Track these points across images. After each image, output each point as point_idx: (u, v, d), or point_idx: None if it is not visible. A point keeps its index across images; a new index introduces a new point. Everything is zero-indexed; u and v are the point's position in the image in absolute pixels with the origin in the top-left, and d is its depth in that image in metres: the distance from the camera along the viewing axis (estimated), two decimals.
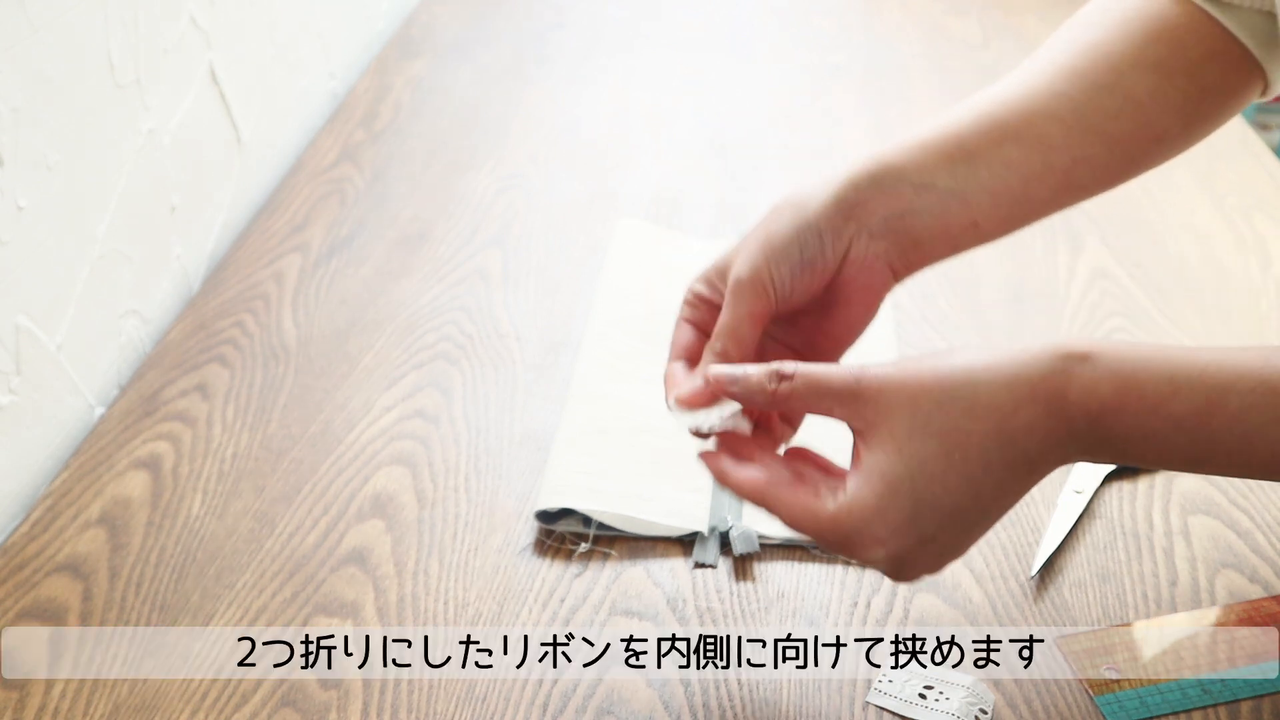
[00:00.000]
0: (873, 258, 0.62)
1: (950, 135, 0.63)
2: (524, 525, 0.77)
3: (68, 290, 0.86)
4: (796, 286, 0.61)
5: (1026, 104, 0.63)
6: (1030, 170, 0.63)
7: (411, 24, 1.49)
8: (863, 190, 0.62)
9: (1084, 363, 0.52)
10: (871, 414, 0.53)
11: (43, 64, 0.82)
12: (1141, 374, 0.51)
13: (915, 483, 0.52)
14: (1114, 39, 0.65)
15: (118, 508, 0.79)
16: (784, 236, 0.61)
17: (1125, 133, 0.65)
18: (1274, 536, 0.75)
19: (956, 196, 0.62)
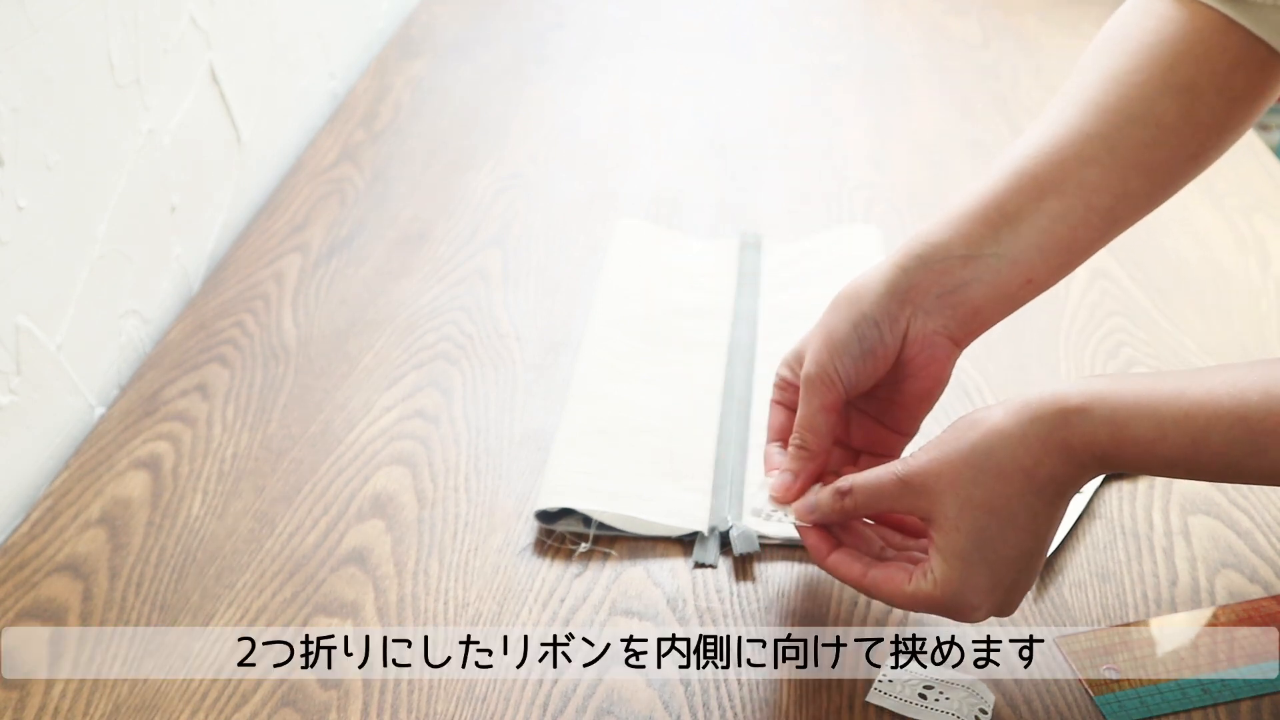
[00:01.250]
0: (932, 334, 0.66)
1: (990, 201, 0.65)
2: (524, 525, 0.77)
3: (68, 290, 0.86)
4: (862, 374, 0.66)
5: (1059, 154, 0.65)
6: (1075, 218, 0.65)
7: (411, 24, 1.49)
8: (912, 274, 0.65)
9: (1081, 415, 0.57)
10: (925, 503, 0.60)
11: (43, 64, 0.82)
12: (1133, 423, 0.56)
13: (983, 550, 0.59)
14: (1138, 66, 0.66)
15: (118, 508, 0.79)
16: (843, 332, 0.66)
17: (1162, 159, 0.66)
18: (1274, 536, 0.75)
19: (1006, 259, 0.65)
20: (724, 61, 1.41)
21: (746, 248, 1.02)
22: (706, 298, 0.96)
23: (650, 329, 0.92)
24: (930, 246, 0.65)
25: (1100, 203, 0.65)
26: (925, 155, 1.20)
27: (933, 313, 0.66)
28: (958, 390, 0.87)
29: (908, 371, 0.67)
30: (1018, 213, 0.65)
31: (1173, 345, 0.91)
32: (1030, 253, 0.65)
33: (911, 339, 0.66)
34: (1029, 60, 1.38)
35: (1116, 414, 0.56)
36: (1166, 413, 0.56)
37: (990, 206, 0.65)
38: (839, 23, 1.50)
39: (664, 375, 0.88)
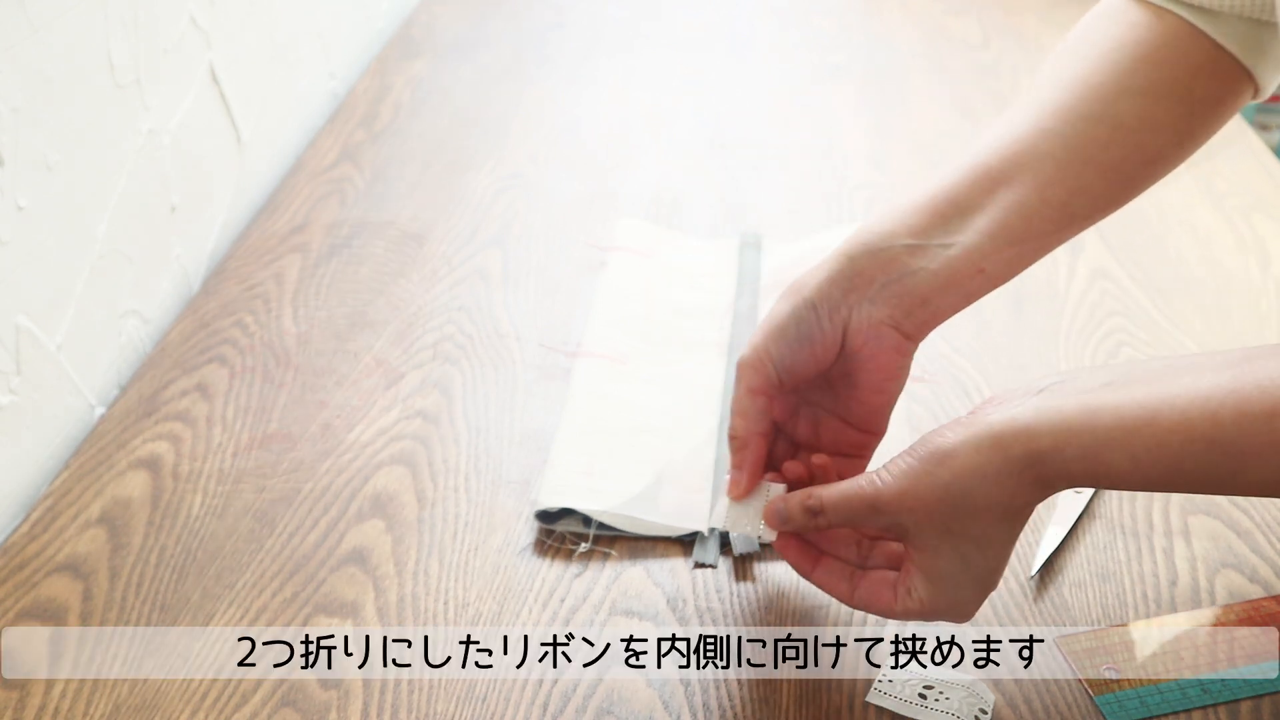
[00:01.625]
0: (876, 324, 0.65)
1: (940, 194, 0.65)
2: (524, 525, 0.77)
3: (68, 290, 0.86)
4: (798, 360, 0.65)
5: (1014, 147, 0.66)
6: (1028, 209, 0.65)
7: (411, 24, 1.49)
8: (858, 261, 0.65)
9: (1054, 454, 0.56)
10: (899, 528, 0.60)
11: (43, 64, 0.82)
12: (1105, 455, 0.55)
13: (967, 571, 0.60)
14: (1100, 69, 0.67)
15: (118, 508, 0.79)
16: (781, 316, 0.66)
17: (1119, 159, 0.66)
18: (1274, 536, 0.75)
19: (956, 249, 0.64)
20: (724, 61, 1.41)
21: (746, 248, 1.02)
22: (706, 298, 0.96)
23: (650, 329, 0.92)
24: (877, 235, 0.65)
25: (1054, 196, 0.65)
26: (925, 155, 1.20)
27: (878, 302, 0.65)
28: (957, 390, 0.87)
29: (857, 364, 0.66)
30: (969, 204, 0.65)
31: (1173, 345, 0.91)
32: (982, 242, 0.64)
33: (855, 329, 0.65)
34: (1029, 60, 1.38)
35: (1088, 451, 0.55)
36: (1139, 444, 0.54)
37: (940, 198, 0.65)
38: (839, 23, 1.50)
39: (664, 375, 0.88)
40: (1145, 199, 1.10)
